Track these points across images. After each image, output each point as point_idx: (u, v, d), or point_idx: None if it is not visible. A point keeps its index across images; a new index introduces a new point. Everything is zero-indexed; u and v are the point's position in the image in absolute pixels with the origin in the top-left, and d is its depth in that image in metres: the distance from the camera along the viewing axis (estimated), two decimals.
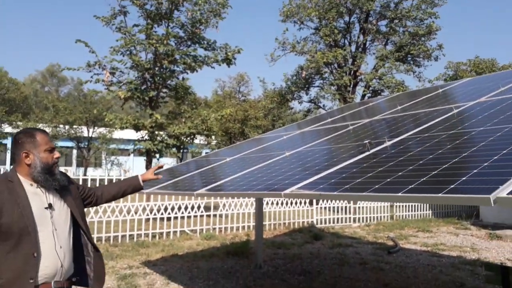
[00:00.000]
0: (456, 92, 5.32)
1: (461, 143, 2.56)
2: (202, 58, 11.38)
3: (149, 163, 11.10)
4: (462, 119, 3.28)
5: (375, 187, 2.08)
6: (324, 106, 17.37)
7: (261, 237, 6.64)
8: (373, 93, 16.45)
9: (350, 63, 15.85)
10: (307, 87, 16.93)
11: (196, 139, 12.67)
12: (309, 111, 17.93)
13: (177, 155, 11.82)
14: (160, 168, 2.90)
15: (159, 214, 8.93)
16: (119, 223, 8.50)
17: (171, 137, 11.05)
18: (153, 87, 10.97)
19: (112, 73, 10.48)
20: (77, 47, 74.22)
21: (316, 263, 6.89)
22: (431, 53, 16.59)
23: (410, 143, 2.95)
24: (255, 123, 21.28)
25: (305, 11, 15.77)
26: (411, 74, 16.58)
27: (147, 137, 10.97)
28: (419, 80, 18.00)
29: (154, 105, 11.12)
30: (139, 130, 10.72)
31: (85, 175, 24.68)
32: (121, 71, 10.75)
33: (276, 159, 3.91)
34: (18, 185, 2.04)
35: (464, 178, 1.89)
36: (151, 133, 10.72)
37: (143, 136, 11.09)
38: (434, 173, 2.09)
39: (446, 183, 1.89)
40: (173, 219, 9.14)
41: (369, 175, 2.36)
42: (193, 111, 12.24)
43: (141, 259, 7.00)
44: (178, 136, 11.06)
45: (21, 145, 2.09)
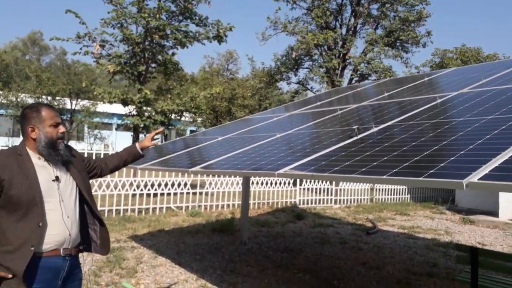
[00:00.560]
0: (441, 81, 5.51)
1: (441, 132, 2.75)
2: (193, 34, 11.30)
3: (136, 138, 11.12)
4: (444, 109, 3.47)
5: (362, 170, 2.25)
6: (312, 88, 17.49)
7: (247, 215, 6.84)
8: (360, 77, 16.63)
9: (340, 46, 15.93)
10: (296, 68, 16.99)
11: (183, 117, 12.69)
12: (297, 92, 18.03)
13: (164, 132, 11.85)
14: (158, 133, 2.94)
15: (145, 190, 9.04)
16: (106, 197, 8.59)
17: (158, 113, 11.05)
18: (143, 62, 10.88)
19: (102, 46, 10.34)
20: (60, 16, 71.91)
21: (298, 241, 7.16)
22: (420, 39, 16.77)
23: (395, 129, 3.13)
24: (242, 102, 21.30)
25: None
26: (398, 59, 16.79)
27: (134, 113, 10.95)
28: (406, 66, 18.24)
29: (143, 80, 11.06)
30: (127, 105, 10.68)
31: None
32: (111, 44, 10.61)
33: (267, 140, 4.05)
34: (26, 158, 2.13)
35: (442, 164, 2.07)
36: (139, 109, 10.71)
37: (130, 111, 11.05)
38: (415, 159, 2.26)
39: (426, 168, 2.06)
40: (160, 195, 9.26)
41: (357, 158, 2.52)
42: (182, 88, 12.21)
43: (128, 233, 7.14)
44: (165, 112, 11.06)
45: (27, 120, 2.17)
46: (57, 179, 2.17)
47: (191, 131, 32.99)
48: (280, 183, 11.13)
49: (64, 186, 2.20)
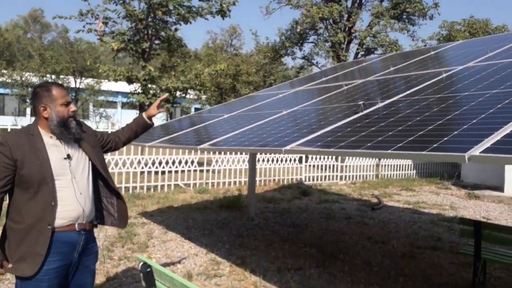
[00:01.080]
0: (447, 55, 5.46)
1: (446, 106, 2.76)
2: (196, 9, 11.15)
3: None
4: (450, 83, 3.46)
5: (368, 145, 2.29)
6: (317, 63, 17.32)
7: (254, 191, 6.94)
8: (366, 51, 16.41)
9: (345, 19, 15.66)
10: (301, 43, 16.77)
11: (188, 94, 12.68)
12: (302, 68, 17.86)
13: (169, 109, 11.87)
14: (163, 100, 2.92)
15: (153, 167, 9.15)
16: (115, 175, 8.73)
17: (163, 90, 11.05)
18: (146, 39, 10.81)
19: (105, 23, 10.27)
20: None
21: (304, 217, 7.27)
22: (427, 11, 16.43)
23: (400, 105, 3.14)
24: (247, 79, 21.16)
25: None
26: (405, 33, 16.50)
27: (139, 90, 10.96)
28: (413, 39, 18.00)
29: (146, 57, 11.02)
30: (132, 82, 10.68)
31: None
32: (114, 21, 10.52)
33: (274, 117, 4.08)
34: (38, 138, 2.18)
35: (445, 138, 2.10)
36: (144, 86, 10.71)
37: (136, 89, 11.06)
38: (420, 133, 2.29)
39: (430, 143, 2.10)
40: (168, 173, 9.39)
41: (362, 134, 2.55)
42: (186, 65, 12.14)
43: (138, 210, 7.29)
44: (170, 90, 11.06)
45: (39, 99, 2.20)
46: (68, 157, 2.22)
47: (196, 108, 32.95)
48: (286, 160, 11.20)
49: (76, 163, 2.26)
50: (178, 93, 11.57)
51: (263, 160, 10.88)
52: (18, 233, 2.12)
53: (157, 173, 9.31)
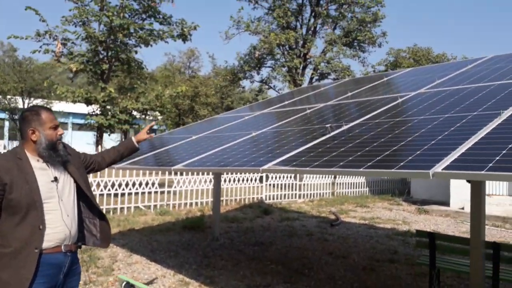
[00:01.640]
0: (399, 81, 5.96)
1: (406, 128, 3.09)
2: (157, 32, 11.26)
3: (100, 137, 10.95)
4: (406, 108, 3.84)
5: (341, 164, 2.52)
6: (274, 86, 17.89)
7: (219, 211, 7.02)
8: (320, 76, 17.19)
9: (300, 45, 16.38)
10: (258, 67, 17.29)
11: (147, 116, 12.61)
12: (260, 91, 18.34)
13: (128, 129, 11.71)
14: (151, 127, 3.05)
15: (113, 189, 8.97)
16: None
17: (122, 112, 10.94)
18: (106, 60, 10.72)
19: (63, 44, 10.09)
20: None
21: (267, 235, 7.43)
22: (376, 39, 17.58)
23: (364, 127, 3.44)
24: (205, 100, 21.31)
25: None
26: (356, 59, 17.51)
27: (98, 112, 10.77)
28: (363, 65, 19.11)
29: (106, 79, 10.91)
30: (90, 104, 10.49)
31: None
32: (73, 42, 10.37)
33: (244, 138, 4.25)
34: (26, 162, 2.19)
35: (410, 157, 2.38)
36: (103, 108, 10.55)
37: (94, 110, 10.86)
38: (387, 153, 2.56)
39: (396, 161, 2.36)
40: (127, 195, 9.22)
41: (334, 154, 2.79)
42: (146, 87, 12.13)
43: None
44: (129, 111, 10.97)
45: (28, 123, 2.24)
46: (55, 179, 2.26)
47: (151, 129, 32.43)
48: (247, 180, 11.37)
49: (62, 185, 2.29)
50: (137, 114, 11.48)
51: (224, 180, 10.97)
52: (3, 258, 2.10)
53: (116, 195, 9.12)
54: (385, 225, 8.65)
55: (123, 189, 9.12)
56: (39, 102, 28.13)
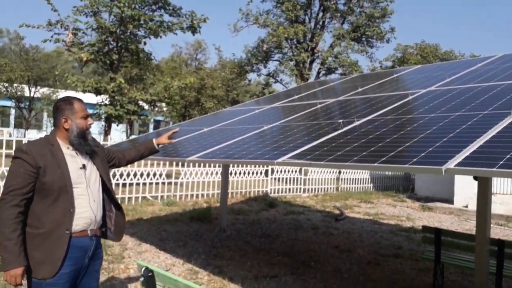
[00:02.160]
0: (409, 78, 6.01)
1: (418, 126, 3.16)
2: (166, 24, 11.31)
3: (109, 127, 11.07)
4: (417, 105, 3.91)
5: (355, 158, 2.60)
6: (281, 80, 17.92)
7: (226, 202, 7.13)
8: (328, 70, 17.20)
9: (308, 39, 16.38)
10: (266, 60, 17.31)
11: (156, 107, 12.71)
12: (267, 84, 18.37)
13: (136, 120, 11.80)
14: (174, 133, 3.19)
15: (121, 179, 9.10)
16: None
17: (131, 102, 11.04)
18: (116, 51, 10.81)
19: (74, 34, 10.18)
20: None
21: (273, 228, 7.54)
22: (384, 35, 17.54)
23: (376, 123, 3.52)
24: (211, 93, 21.38)
25: None
26: (364, 54, 17.48)
27: (107, 102, 10.87)
28: (371, 60, 19.07)
29: (115, 69, 11.00)
30: (100, 94, 10.60)
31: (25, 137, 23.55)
32: (83, 32, 10.45)
33: (256, 131, 4.33)
34: (58, 148, 2.31)
35: (423, 154, 2.45)
36: (112, 98, 10.65)
37: (103, 100, 10.97)
38: (400, 149, 2.64)
39: (409, 157, 2.44)
40: (135, 185, 9.35)
41: (347, 149, 2.88)
42: (155, 78, 12.21)
43: None
44: (137, 102, 11.07)
45: (61, 111, 2.36)
46: (84, 167, 2.38)
47: (156, 120, 32.56)
48: (252, 173, 11.46)
49: (89, 173, 2.41)
50: (145, 105, 11.58)
51: (230, 173, 11.07)
52: (36, 238, 2.22)
53: (124, 185, 9.25)
54: (389, 221, 8.74)
55: (131, 179, 9.24)
56: (45, 91, 28.30)
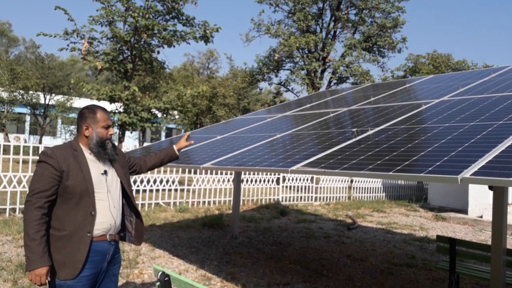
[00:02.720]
0: (421, 88, 6.01)
1: (432, 135, 3.18)
2: (180, 33, 11.50)
3: (122, 135, 11.23)
4: (431, 115, 3.92)
5: (369, 167, 2.63)
6: (292, 89, 17.99)
7: (238, 210, 7.17)
8: (339, 80, 17.22)
9: (320, 49, 16.46)
10: (277, 69, 17.42)
11: (169, 115, 12.86)
12: (278, 93, 18.45)
13: (149, 127, 11.93)
14: (189, 136, 3.26)
15: (134, 186, 9.21)
16: None
17: (144, 110, 11.20)
18: (130, 60, 11.01)
19: (89, 43, 10.41)
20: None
21: (285, 236, 7.54)
22: (396, 45, 17.52)
23: (389, 133, 3.54)
24: (223, 101, 21.55)
25: None
26: (376, 64, 17.47)
27: (121, 110, 11.05)
28: (382, 70, 19.00)
29: (129, 77, 11.19)
30: (114, 102, 10.78)
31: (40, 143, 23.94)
32: (99, 41, 10.68)
33: (269, 139, 4.39)
34: (80, 153, 2.40)
35: (438, 163, 2.47)
36: (126, 106, 10.82)
37: (117, 108, 11.15)
38: (414, 158, 2.66)
39: (424, 166, 2.46)
40: (148, 191, 9.46)
41: (361, 157, 2.91)
42: (168, 86, 12.38)
43: None
44: (150, 110, 11.23)
45: (84, 119, 2.45)
46: (105, 173, 2.45)
47: (167, 128, 32.85)
48: (264, 181, 11.50)
49: (110, 179, 2.48)
50: (158, 113, 11.74)
51: (242, 180, 11.12)
52: (58, 240, 2.29)
53: (138, 191, 9.37)
54: (402, 231, 8.68)
55: (145, 186, 9.35)
56: (60, 98, 28.78)
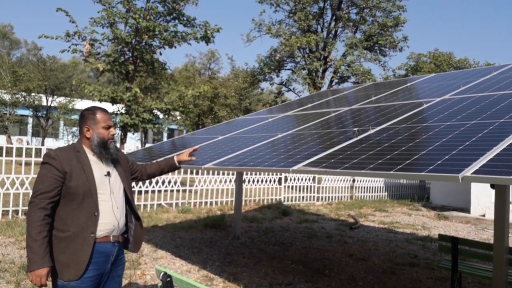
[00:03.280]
0: (423, 87, 6.00)
1: (433, 134, 3.17)
2: (181, 34, 11.51)
3: (124, 136, 11.24)
4: (432, 114, 3.91)
5: (371, 166, 2.63)
6: (294, 89, 18.02)
7: (240, 210, 7.17)
8: (340, 79, 17.21)
9: (321, 48, 16.46)
10: (278, 69, 17.43)
11: (170, 116, 12.88)
12: (279, 93, 18.46)
13: (151, 128, 11.95)
14: (195, 150, 3.26)
15: (137, 187, 9.22)
16: None
17: (146, 111, 11.22)
18: (131, 61, 11.03)
19: (91, 45, 10.44)
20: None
21: (287, 236, 7.54)
22: (397, 44, 17.51)
23: (390, 132, 3.54)
24: (225, 101, 21.56)
25: None
26: (377, 63, 17.46)
27: (123, 111, 11.07)
28: (384, 69, 18.99)
29: (131, 79, 11.21)
30: (116, 103, 10.80)
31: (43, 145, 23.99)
32: (100, 42, 10.71)
33: (270, 139, 4.39)
34: (83, 154, 2.41)
35: (439, 162, 2.47)
36: (127, 107, 10.84)
37: (119, 109, 11.17)
38: (415, 157, 2.66)
39: (425, 165, 2.46)
40: (150, 192, 9.47)
41: (363, 157, 2.90)
42: (170, 87, 12.40)
43: None
44: (152, 111, 11.25)
45: (84, 121, 2.46)
46: (108, 174, 2.46)
47: (169, 129, 32.90)
48: (266, 181, 11.50)
49: (114, 180, 2.49)
50: (160, 114, 11.75)
51: (244, 181, 11.12)
52: (62, 241, 2.30)
53: (140, 192, 9.38)
54: (404, 230, 8.66)
55: (147, 187, 9.37)
56: (62, 100, 28.85)
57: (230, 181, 10.74)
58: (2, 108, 25.65)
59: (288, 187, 12.08)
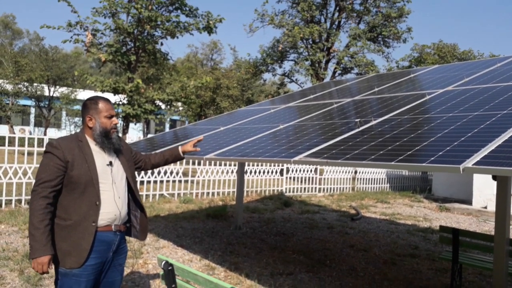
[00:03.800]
0: (426, 78, 5.97)
1: (435, 125, 3.17)
2: (183, 24, 11.45)
3: (126, 127, 11.26)
4: (434, 105, 3.90)
5: (372, 157, 2.63)
6: (296, 80, 17.94)
7: (242, 200, 7.19)
8: (343, 70, 17.12)
9: (324, 39, 16.35)
10: (281, 60, 17.34)
11: (172, 106, 12.87)
12: (282, 84, 18.39)
13: (154, 120, 11.96)
14: (199, 141, 3.24)
15: (139, 177, 9.26)
16: None
17: (148, 102, 11.21)
18: (133, 51, 10.99)
19: (93, 35, 10.40)
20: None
21: (289, 226, 7.57)
22: (401, 35, 17.37)
23: (392, 123, 3.53)
24: (227, 92, 21.51)
25: None
26: (380, 54, 17.34)
27: (125, 102, 11.06)
28: (387, 60, 18.86)
29: (133, 69, 11.18)
30: (118, 93, 10.79)
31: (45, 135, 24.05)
32: (102, 33, 10.67)
33: (272, 130, 4.39)
34: (85, 144, 2.42)
35: (440, 153, 2.47)
36: (130, 97, 10.83)
37: (121, 100, 11.16)
38: (417, 148, 2.66)
39: (427, 156, 2.46)
40: (153, 182, 9.51)
41: (364, 147, 2.90)
42: (172, 78, 12.37)
43: None
44: (154, 101, 11.24)
45: (87, 110, 2.47)
46: (110, 164, 2.47)
47: (172, 119, 32.93)
48: (267, 172, 11.52)
49: (116, 170, 2.50)
50: (162, 105, 11.74)
51: (246, 171, 11.14)
52: (64, 230, 2.32)
53: (142, 182, 9.42)
54: (405, 221, 8.68)
55: (149, 177, 9.40)
56: (64, 90, 28.86)
57: (232, 172, 10.76)
58: (4, 98, 25.68)
59: (290, 178, 12.10)
